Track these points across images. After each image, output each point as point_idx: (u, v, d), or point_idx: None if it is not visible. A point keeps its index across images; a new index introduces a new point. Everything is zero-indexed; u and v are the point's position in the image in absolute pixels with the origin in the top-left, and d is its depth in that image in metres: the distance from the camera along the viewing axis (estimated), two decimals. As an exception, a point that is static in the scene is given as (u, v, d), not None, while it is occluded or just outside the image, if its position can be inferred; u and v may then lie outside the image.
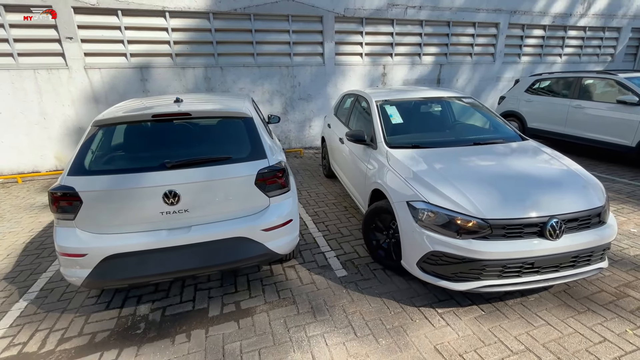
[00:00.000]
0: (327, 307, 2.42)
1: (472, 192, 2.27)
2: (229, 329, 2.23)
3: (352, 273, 2.84)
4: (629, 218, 3.74)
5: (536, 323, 2.21)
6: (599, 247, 2.24)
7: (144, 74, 6.41)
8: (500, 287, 2.18)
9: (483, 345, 2.04)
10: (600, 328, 2.15)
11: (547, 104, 6.60)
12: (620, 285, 2.58)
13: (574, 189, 2.37)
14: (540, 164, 2.68)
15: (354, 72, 7.84)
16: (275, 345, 2.09)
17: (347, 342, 2.10)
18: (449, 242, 2.16)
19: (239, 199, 2.25)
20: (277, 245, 2.39)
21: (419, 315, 2.32)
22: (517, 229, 2.13)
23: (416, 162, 2.68)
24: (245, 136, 2.41)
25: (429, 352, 2.00)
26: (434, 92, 3.87)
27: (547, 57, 9.68)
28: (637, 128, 5.15)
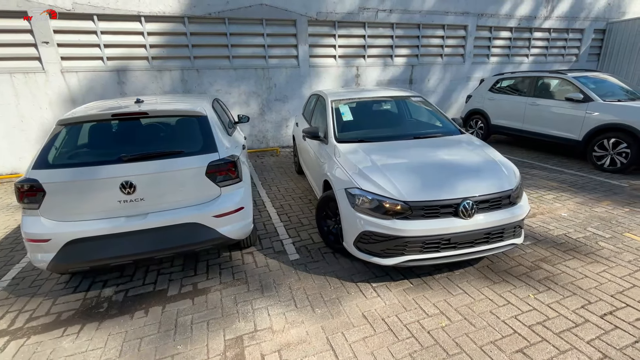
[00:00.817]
0: (275, 285, 2.69)
1: (399, 179, 2.58)
2: (184, 305, 2.49)
3: (304, 256, 3.12)
4: (564, 204, 4.12)
5: (455, 292, 2.53)
6: (509, 224, 2.57)
7: (121, 76, 6.59)
8: (422, 261, 2.49)
9: (404, 311, 2.34)
10: (508, 294, 2.48)
11: (507, 102, 7.01)
12: (537, 260, 2.93)
13: (488, 175, 2.70)
14: (466, 154, 3.01)
15: (328, 73, 8.14)
16: (223, 317, 2.35)
17: (287, 312, 2.38)
18: (377, 223, 2.46)
19: (191, 188, 2.52)
20: (229, 230, 2.66)
21: (355, 289, 2.61)
22: (434, 209, 2.44)
23: (357, 154, 2.98)
24: (198, 132, 2.67)
25: (357, 318, 2.29)
26: (387, 92, 4.19)
27: (514, 57, 10.15)
28: (583, 123, 5.57)
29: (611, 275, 2.65)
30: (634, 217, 3.69)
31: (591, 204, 4.08)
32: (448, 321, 2.23)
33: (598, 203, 4.12)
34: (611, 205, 4.02)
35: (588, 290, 2.49)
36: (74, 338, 2.21)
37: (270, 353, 2.03)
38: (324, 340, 2.11)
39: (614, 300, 2.36)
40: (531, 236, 3.34)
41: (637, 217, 3.69)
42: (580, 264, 2.84)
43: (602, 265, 2.81)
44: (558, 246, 3.14)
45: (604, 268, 2.76)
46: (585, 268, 2.77)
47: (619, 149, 5.15)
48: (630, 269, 2.73)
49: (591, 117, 5.46)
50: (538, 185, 4.79)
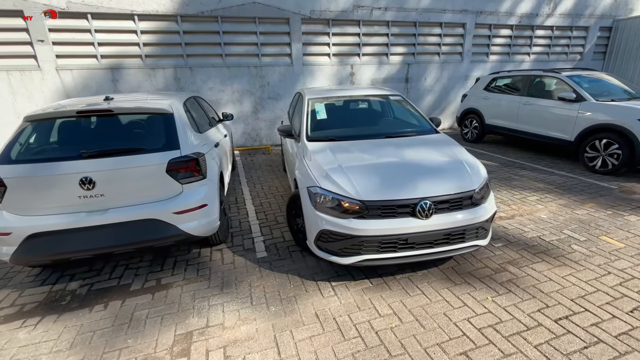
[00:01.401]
0: (236, 282, 2.71)
1: (359, 179, 2.56)
2: (143, 300, 2.53)
3: (272, 254, 3.13)
4: (546, 206, 4.03)
5: (413, 293, 2.51)
6: (471, 226, 2.53)
7: (115, 74, 6.70)
8: (379, 260, 2.48)
9: (357, 311, 2.33)
10: (466, 296, 2.45)
11: (501, 101, 6.89)
12: (504, 262, 2.88)
13: (451, 175, 2.67)
14: (433, 154, 2.97)
15: (322, 72, 8.13)
16: (179, 312, 2.38)
17: (241, 309, 2.39)
18: (334, 222, 2.45)
19: (152, 184, 2.55)
20: (191, 227, 2.69)
21: (314, 287, 2.61)
22: (391, 209, 2.42)
23: (324, 153, 2.98)
24: (162, 130, 2.71)
25: (308, 316, 2.30)
26: (367, 91, 4.17)
27: (515, 55, 9.97)
28: (575, 123, 5.44)
29: (576, 279, 2.59)
30: (615, 220, 3.60)
31: (574, 206, 3.99)
32: (399, 322, 2.21)
33: (581, 205, 4.02)
34: (594, 208, 3.93)
35: (549, 293, 2.44)
36: (31, 329, 2.26)
37: (216, 349, 2.05)
38: (271, 338, 2.12)
39: (573, 305, 2.31)
40: (504, 238, 3.29)
41: (619, 220, 3.59)
42: (548, 267, 2.78)
43: (569, 268, 2.74)
44: (529, 248, 3.08)
45: (570, 271, 2.70)
46: (552, 271, 2.71)
47: (610, 150, 5.02)
48: (597, 273, 2.66)
49: (583, 117, 5.33)
50: (524, 187, 4.70)
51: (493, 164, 5.90)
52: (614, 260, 2.83)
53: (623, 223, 3.52)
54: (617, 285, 2.51)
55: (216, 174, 3.06)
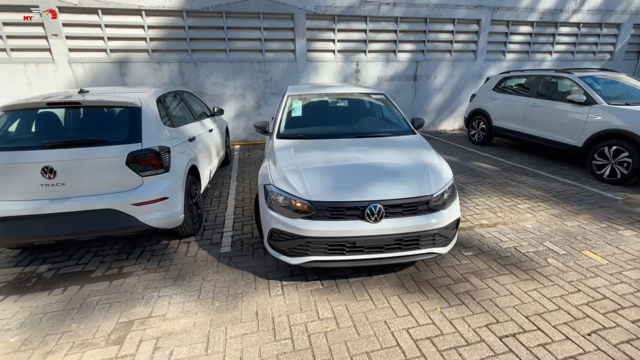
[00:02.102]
0: (191, 276, 2.76)
1: (312, 179, 2.52)
2: (99, 287, 2.63)
3: (235, 250, 3.16)
4: (535, 215, 3.80)
5: (360, 298, 2.44)
6: (426, 232, 2.42)
7: (123, 68, 6.96)
8: (327, 263, 2.43)
9: (298, 312, 2.31)
10: (414, 305, 2.35)
11: (509, 102, 6.54)
12: (468, 272, 2.74)
13: (409, 178, 2.56)
14: (398, 156, 2.86)
15: (326, 68, 8.05)
16: (127, 301, 2.46)
17: (187, 302, 2.43)
18: (284, 221, 2.43)
19: (112, 176, 2.63)
20: (150, 218, 2.76)
21: (264, 286, 2.61)
22: (339, 211, 2.36)
23: (286, 151, 2.95)
24: (126, 123, 2.78)
25: (248, 314, 2.30)
26: (350, 88, 4.09)
27: (535, 54, 9.42)
28: (584, 128, 5.08)
29: (539, 295, 2.43)
30: (607, 234, 3.33)
31: (566, 217, 3.73)
32: (335, 326, 2.16)
33: (575, 216, 3.75)
34: (588, 220, 3.65)
35: (504, 308, 2.30)
36: (-9, 307, 2.41)
37: (149, 339, 2.09)
38: (205, 333, 2.13)
39: (525, 322, 2.16)
40: (477, 247, 3.13)
41: (611, 234, 3.32)
42: (513, 280, 2.62)
43: (536, 283, 2.57)
44: (500, 259, 2.91)
45: (536, 287, 2.53)
46: (516, 285, 2.55)
47: (620, 158, 4.64)
48: (565, 290, 2.47)
49: (593, 121, 4.96)
50: (518, 194, 4.45)
51: (494, 168, 5.63)
52: (588, 278, 2.62)
53: (615, 238, 3.25)
54: (582, 304, 2.33)
55: (183, 168, 3.11)
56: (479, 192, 4.51)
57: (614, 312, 2.25)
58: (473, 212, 3.89)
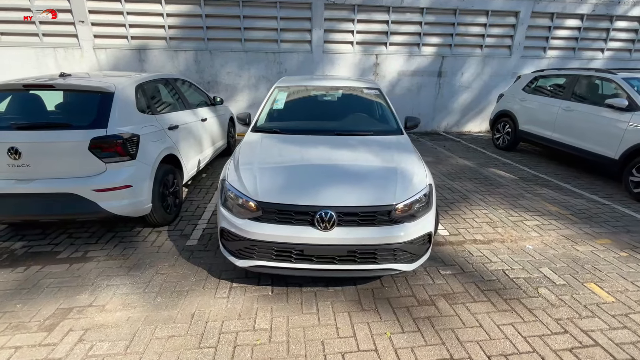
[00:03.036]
0: (146, 267, 2.70)
1: (265, 178, 2.33)
2: (58, 269, 2.66)
3: (201, 244, 3.07)
4: (542, 235, 3.32)
5: (307, 311, 2.23)
6: (384, 246, 2.15)
7: (142, 55, 7.16)
8: (274, 269, 2.25)
9: (236, 319, 2.15)
10: (362, 326, 2.10)
11: (539, 105, 5.85)
12: (439, 294, 2.42)
13: (373, 185, 2.28)
14: (372, 158, 2.58)
15: (343, 60, 7.74)
16: (77, 287, 2.45)
17: (131, 294, 2.37)
18: (231, 220, 2.28)
19: (75, 160, 2.63)
20: (112, 205, 2.73)
21: (213, 285, 2.49)
22: (287, 215, 2.16)
23: (252, 147, 2.78)
24: (95, 108, 2.76)
25: (184, 315, 2.18)
26: (342, 82, 3.82)
27: (583, 51, 8.39)
28: (622, 137, 4.38)
29: (513, 332, 2.07)
30: (626, 265, 2.81)
31: (580, 240, 3.22)
32: (267, 340, 1.98)
33: (591, 240, 3.23)
34: (606, 246, 3.12)
35: (465, 343, 1.98)
36: (-44, 279, 2.52)
37: (78, 330, 2.05)
38: (133, 330, 2.05)
39: (485, 364, 1.84)
40: (460, 266, 2.78)
41: (630, 266, 2.80)
42: (488, 309, 2.27)
43: (515, 316, 2.20)
44: (481, 283, 2.55)
45: (513, 321, 2.16)
46: (489, 316, 2.20)
47: (662, 176, 3.95)
48: (548, 329, 2.09)
49: (635, 130, 4.26)
50: (530, 208, 3.94)
51: (511, 176, 5.07)
52: (583, 317, 2.20)
53: (634, 271, 2.74)
54: (564, 350, 1.94)
55: (154, 157, 3.06)
56: (484, 203, 4.06)
57: (603, 364, 1.85)
58: (469, 225, 3.49)
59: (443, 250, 3.02)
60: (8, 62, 6.80)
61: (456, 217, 3.67)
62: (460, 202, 4.10)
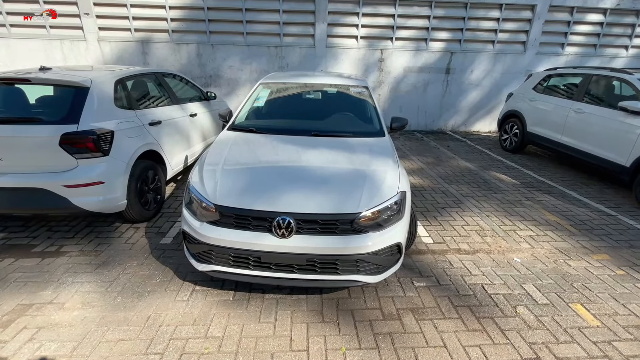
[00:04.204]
0: (115, 264, 2.69)
1: (226, 181, 2.25)
2: (29, 263, 2.68)
3: (175, 243, 3.03)
4: (535, 246, 3.12)
5: (265, 320, 2.15)
6: (346, 257, 2.04)
7: (145, 48, 7.19)
8: (232, 275, 2.17)
9: (190, 324, 2.10)
10: (317, 339, 2.01)
11: (549, 105, 5.52)
12: (407, 308, 2.29)
13: (337, 190, 2.16)
14: (344, 161, 2.45)
15: (347, 55, 7.54)
16: (42, 282, 2.45)
17: (92, 293, 2.35)
18: (190, 223, 2.21)
19: (45, 155, 2.62)
20: (84, 202, 2.72)
21: (176, 287, 2.44)
22: (245, 220, 2.07)
23: (222, 146, 2.70)
24: (68, 103, 2.74)
25: (140, 318, 2.14)
26: (328, 79, 3.67)
27: (605, 48, 7.87)
28: (635, 143, 4.06)
29: (479, 355, 1.92)
30: (619, 284, 2.59)
31: (574, 255, 3.00)
32: (216, 349, 1.92)
33: (587, 255, 3.00)
34: (603, 262, 2.89)
35: (423, 364, 1.85)
36: None
37: (32, 328, 2.04)
38: (85, 331, 2.03)
39: (439, 390, 1.71)
40: (437, 277, 2.63)
41: (624, 285, 2.58)
42: (457, 328, 2.12)
43: (485, 338, 2.05)
44: (455, 298, 2.40)
45: (482, 342, 2.01)
46: (456, 335, 2.06)
47: (676, 187, 3.63)
48: (518, 355, 1.93)
49: (648, 136, 3.93)
50: (526, 217, 3.71)
51: (513, 181, 4.81)
52: (561, 342, 2.03)
53: (627, 292, 2.51)
54: (531, 379, 1.79)
55: (130, 153, 3.03)
56: (477, 209, 3.85)
57: (572, 398, 1.69)
58: (456, 233, 3.31)
59: (423, 259, 2.87)
60: (20, 54, 6.97)
61: (444, 224, 3.49)
62: (452, 207, 3.91)
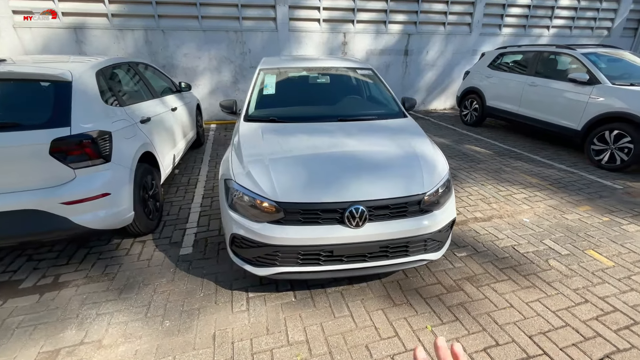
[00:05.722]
0: (140, 286, 2.33)
1: (281, 175, 2.07)
2: (26, 302, 2.18)
3: (197, 252, 2.73)
4: (533, 207, 3.49)
5: (339, 314, 2.08)
6: (416, 237, 2.05)
7: (79, 35, 6.12)
8: (300, 274, 2.04)
9: (264, 334, 1.93)
10: (401, 323, 2.01)
11: (505, 81, 6.12)
12: (463, 278, 2.41)
13: (398, 173, 2.14)
14: (387, 145, 2.43)
15: (310, 39, 7.36)
16: (57, 321, 2.02)
17: (130, 323, 2.02)
18: (246, 226, 2.00)
19: (32, 168, 2.11)
20: (88, 219, 2.28)
21: (227, 299, 2.21)
22: (314, 214, 1.94)
23: (253, 138, 2.47)
24: (50, 101, 2.23)
25: (204, 338, 1.91)
26: (332, 62, 3.57)
27: (532, 29, 8.91)
28: (584, 109, 4.73)
29: (543, 308, 2.12)
30: (610, 229, 3.05)
31: (565, 209, 3.44)
32: (307, 354, 1.81)
33: (574, 208, 3.46)
34: (589, 212, 3.37)
35: (503, 326, 1.98)
36: None
37: (76, 376, 1.69)
38: (147, 365, 1.74)
39: (529, 345, 1.85)
40: (472, 246, 2.80)
41: (614, 229, 3.05)
42: (513, 288, 2.30)
43: (538, 292, 2.26)
44: (497, 262, 2.59)
45: (539, 296, 2.22)
46: (516, 294, 2.24)
47: (620, 143, 4.35)
48: (571, 301, 2.18)
49: (595, 102, 4.61)
50: (514, 181, 4.13)
51: (487, 152, 5.28)
52: (595, 284, 2.33)
53: (619, 234, 2.98)
54: (592, 319, 2.03)
55: (132, 156, 2.61)
56: (472, 180, 4.16)
57: (627, 328, 1.97)
58: (466, 204, 3.55)
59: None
60: None
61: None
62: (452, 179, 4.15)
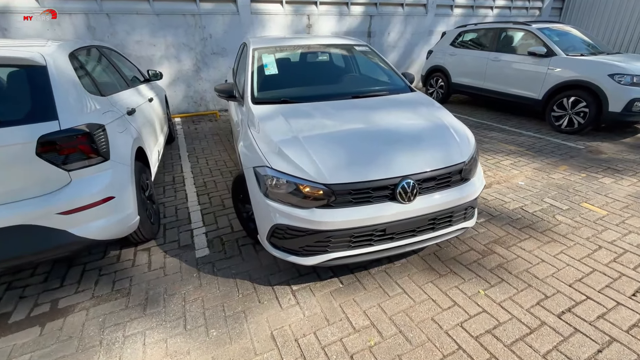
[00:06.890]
0: (165, 297, 2.05)
1: (321, 154, 1.93)
2: (26, 338, 1.80)
3: (216, 252, 2.48)
4: (521, 171, 3.76)
5: (392, 292, 2.04)
6: (459, 207, 2.06)
7: (2, 21, 5.11)
8: (351, 258, 1.95)
9: (326, 325, 1.82)
10: (454, 292, 2.03)
11: (469, 58, 6.45)
12: (491, 242, 2.51)
13: (436, 144, 2.13)
14: (411, 117, 2.40)
15: (274, 22, 7.02)
16: (77, 353, 1.70)
17: (170, 339, 1.77)
18: (291, 214, 1.84)
19: (17, 175, 1.71)
20: (91, 230, 1.92)
21: (270, 295, 2.05)
22: (365, 193, 1.85)
23: (274, 120, 2.27)
24: (26, 91, 1.80)
25: (262, 341, 1.74)
26: (326, 39, 3.41)
27: (479, 9, 9.48)
28: (544, 80, 5.17)
29: (569, 258, 2.29)
30: (591, 183, 3.40)
31: (548, 170, 3.75)
32: (379, 337, 1.74)
33: (555, 168, 3.80)
34: (568, 171, 3.72)
35: (544, 279, 2.11)
36: None
37: (128, 410, 1.43)
38: (210, 381, 1.54)
39: (573, 292, 1.99)
40: (486, 212, 2.93)
41: (594, 184, 3.40)
42: (537, 244, 2.46)
43: (559, 245, 2.44)
44: (514, 223, 2.75)
45: (561, 249, 2.40)
46: (542, 250, 2.39)
47: (577, 109, 4.85)
48: (588, 249, 2.39)
49: (553, 73, 5.05)
50: (496, 150, 4.40)
51: (461, 126, 5.56)
52: (601, 232, 2.59)
53: (599, 187, 3.33)
54: (611, 262, 2.25)
55: (129, 152, 2.25)
56: (460, 152, 4.35)
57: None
58: (464, 174, 3.70)
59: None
60: None
61: (448, 169, 3.84)
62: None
